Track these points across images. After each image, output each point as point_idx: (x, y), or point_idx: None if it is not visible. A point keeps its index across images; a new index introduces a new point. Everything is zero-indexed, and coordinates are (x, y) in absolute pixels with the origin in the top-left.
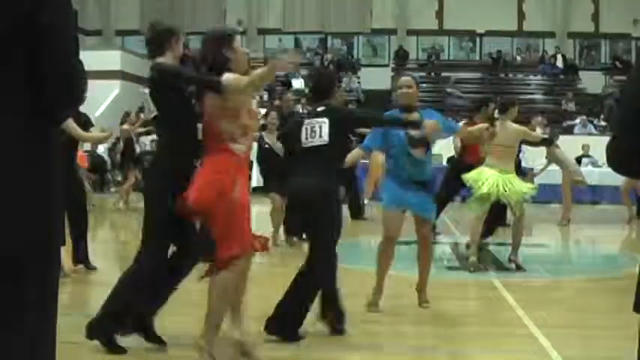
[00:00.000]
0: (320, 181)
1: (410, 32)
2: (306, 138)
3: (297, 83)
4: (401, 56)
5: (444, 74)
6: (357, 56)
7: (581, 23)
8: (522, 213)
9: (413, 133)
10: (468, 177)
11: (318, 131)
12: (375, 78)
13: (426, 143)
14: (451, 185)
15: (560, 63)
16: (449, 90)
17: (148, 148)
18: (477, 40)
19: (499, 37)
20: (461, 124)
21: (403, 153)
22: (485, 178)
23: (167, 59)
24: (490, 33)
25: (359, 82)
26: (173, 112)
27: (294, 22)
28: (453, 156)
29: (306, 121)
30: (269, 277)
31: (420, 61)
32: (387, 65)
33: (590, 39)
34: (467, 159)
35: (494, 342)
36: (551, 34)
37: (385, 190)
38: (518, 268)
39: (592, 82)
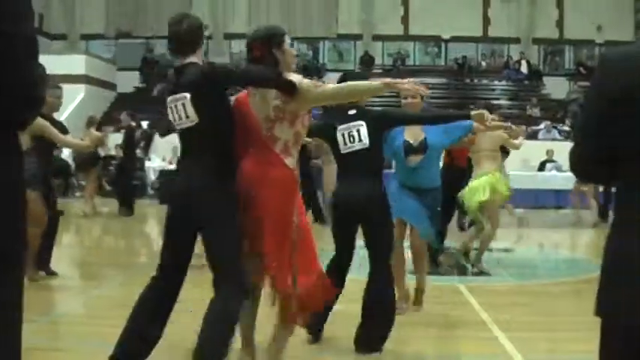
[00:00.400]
0: (370, 188)
1: (375, 37)
2: (345, 143)
3: None
4: (366, 61)
5: (409, 79)
6: (322, 61)
7: (545, 29)
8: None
9: (412, 140)
10: (463, 195)
11: (356, 135)
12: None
13: (423, 150)
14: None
15: (524, 68)
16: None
17: (112, 152)
18: (443, 45)
19: (464, 43)
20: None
21: (400, 159)
22: (477, 190)
23: (197, 59)
24: (455, 38)
25: None
26: (219, 120)
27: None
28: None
29: (340, 126)
30: None
31: (385, 67)
32: (352, 70)
33: (555, 45)
34: (457, 164)
35: (459, 345)
36: (516, 40)
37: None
38: (482, 273)
39: (556, 87)
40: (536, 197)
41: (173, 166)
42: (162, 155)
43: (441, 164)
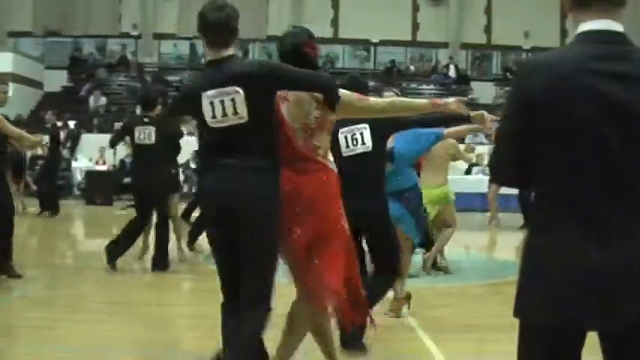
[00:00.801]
0: (373, 193)
1: None
2: (347, 146)
3: None
4: None
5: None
6: None
7: (473, 35)
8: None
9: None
10: None
11: (359, 138)
12: None
13: (390, 159)
14: None
15: (452, 73)
16: None
17: (39, 152)
18: (372, 49)
19: (393, 47)
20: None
21: None
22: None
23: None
24: (384, 42)
25: None
26: (270, 120)
27: (189, 27)
28: None
29: (341, 129)
30: None
31: None
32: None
33: (483, 50)
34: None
35: (384, 347)
36: (445, 45)
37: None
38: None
39: (483, 92)
40: (463, 200)
41: (102, 167)
42: (88, 155)
43: None
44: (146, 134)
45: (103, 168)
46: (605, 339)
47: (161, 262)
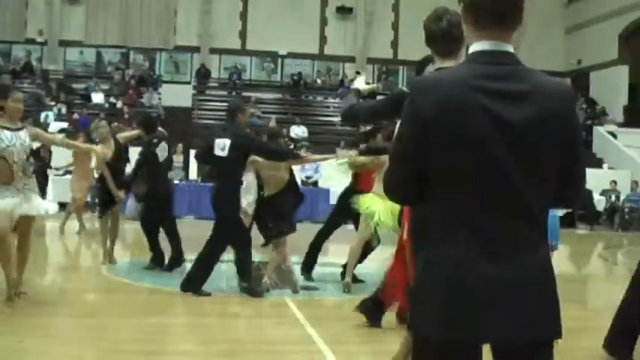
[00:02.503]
0: None
1: (213, 51)
2: None
3: (98, 97)
4: (203, 74)
5: (245, 94)
6: (159, 72)
7: (380, 49)
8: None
9: None
10: (360, 201)
11: None
12: (176, 95)
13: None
14: (342, 213)
15: None
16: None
17: None
18: (279, 61)
19: (300, 59)
20: (352, 153)
21: None
22: (376, 206)
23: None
24: (292, 55)
25: (160, 99)
26: None
27: (96, 35)
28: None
29: None
30: None
31: (221, 80)
32: (188, 82)
33: (389, 64)
34: (360, 187)
35: (285, 359)
36: (351, 59)
37: None
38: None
39: None
40: None
41: None
42: None
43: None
44: None
45: None
46: (497, 354)
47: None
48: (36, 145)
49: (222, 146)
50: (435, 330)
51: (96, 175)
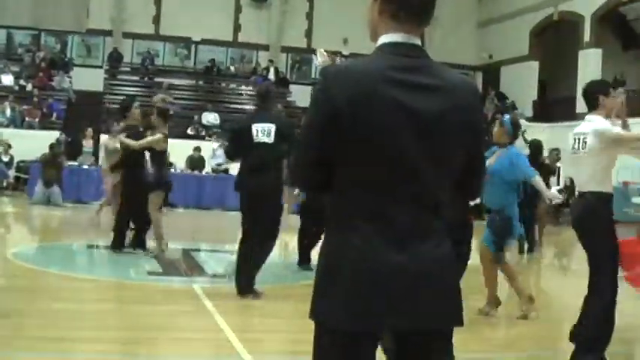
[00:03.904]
0: None
1: (126, 35)
2: None
3: (7, 79)
4: (115, 58)
5: (157, 79)
6: (70, 55)
7: (294, 38)
8: None
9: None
10: None
11: None
12: (87, 79)
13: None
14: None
15: (272, 75)
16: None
17: None
18: (192, 47)
19: (214, 46)
20: None
21: None
22: None
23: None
24: (206, 41)
25: (71, 82)
26: None
27: (6, 15)
28: None
29: None
30: None
31: (134, 65)
32: (100, 67)
33: (303, 54)
34: None
35: (192, 347)
36: (266, 47)
37: None
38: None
39: (302, 95)
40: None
41: None
42: None
43: None
44: None
45: None
46: (397, 343)
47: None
48: None
49: (266, 131)
50: (338, 320)
51: None
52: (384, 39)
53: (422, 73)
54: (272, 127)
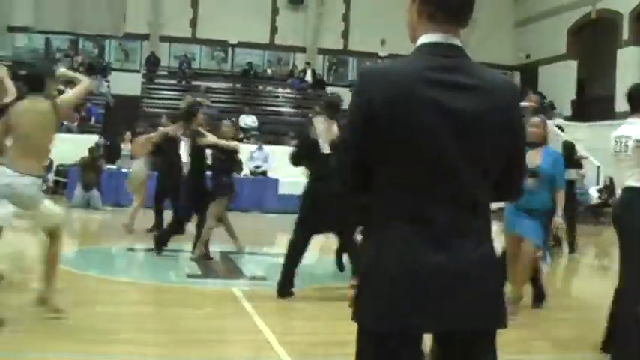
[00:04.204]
0: None
1: (163, 39)
2: None
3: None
4: (152, 62)
5: (194, 82)
6: (108, 60)
7: (331, 40)
8: None
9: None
10: None
11: None
12: (125, 83)
13: (536, 174)
14: None
15: (309, 77)
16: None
17: None
18: (229, 50)
19: (251, 49)
20: None
21: None
22: None
23: None
24: (242, 44)
25: (109, 86)
26: None
27: (44, 21)
28: None
29: None
30: None
31: (171, 68)
32: (138, 70)
33: (339, 56)
34: None
35: (232, 349)
36: (302, 49)
37: (505, 215)
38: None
39: None
40: None
41: None
42: None
43: None
44: None
45: None
46: (439, 343)
47: None
48: None
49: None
50: (376, 321)
51: None
52: (422, 40)
53: (460, 73)
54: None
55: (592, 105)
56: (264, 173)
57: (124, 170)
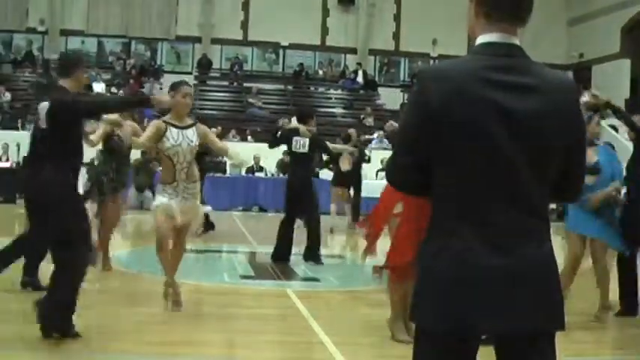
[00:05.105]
0: None
1: (214, 41)
2: None
3: (99, 87)
4: (204, 65)
5: (246, 84)
6: (160, 62)
7: (382, 41)
8: None
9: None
10: None
11: None
12: None
13: (596, 170)
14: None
15: (360, 78)
16: (250, 100)
17: None
18: (281, 52)
19: (302, 51)
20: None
21: None
22: None
23: None
24: (293, 46)
25: (161, 89)
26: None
27: (97, 24)
28: None
29: None
30: None
31: (223, 71)
32: (190, 73)
33: (391, 56)
34: None
35: (287, 350)
36: (353, 50)
37: (570, 213)
38: None
39: (390, 98)
40: (369, 205)
41: (5, 164)
42: None
43: None
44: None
45: (6, 165)
46: (499, 345)
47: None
48: None
49: (302, 143)
50: (434, 321)
51: None
52: (480, 39)
53: (518, 73)
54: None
55: None
56: (317, 175)
57: None
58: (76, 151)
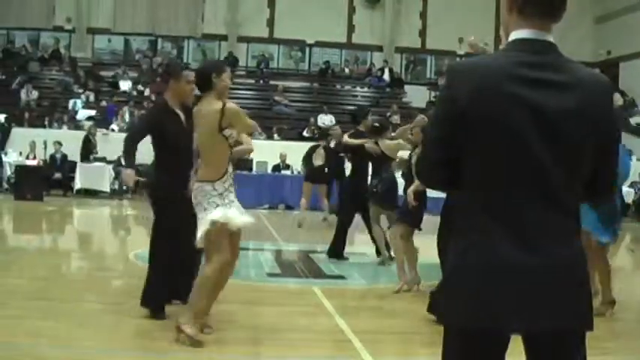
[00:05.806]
0: None
1: (240, 39)
2: None
3: (125, 85)
4: (230, 62)
5: (272, 82)
6: (186, 60)
7: (408, 38)
8: None
9: None
10: None
11: None
12: None
13: None
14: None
15: (386, 76)
16: (276, 98)
17: None
18: (307, 50)
19: (328, 48)
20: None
21: None
22: None
23: None
24: (320, 44)
25: None
26: None
27: (124, 22)
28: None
29: None
30: None
31: (249, 68)
32: None
33: (417, 54)
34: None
35: (313, 348)
36: (379, 48)
37: None
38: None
39: (417, 96)
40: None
41: (32, 162)
42: (19, 150)
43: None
44: None
45: (34, 163)
46: (528, 343)
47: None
48: None
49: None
50: (464, 319)
51: None
52: (513, 35)
53: (551, 70)
54: None
55: None
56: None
57: None
58: None
